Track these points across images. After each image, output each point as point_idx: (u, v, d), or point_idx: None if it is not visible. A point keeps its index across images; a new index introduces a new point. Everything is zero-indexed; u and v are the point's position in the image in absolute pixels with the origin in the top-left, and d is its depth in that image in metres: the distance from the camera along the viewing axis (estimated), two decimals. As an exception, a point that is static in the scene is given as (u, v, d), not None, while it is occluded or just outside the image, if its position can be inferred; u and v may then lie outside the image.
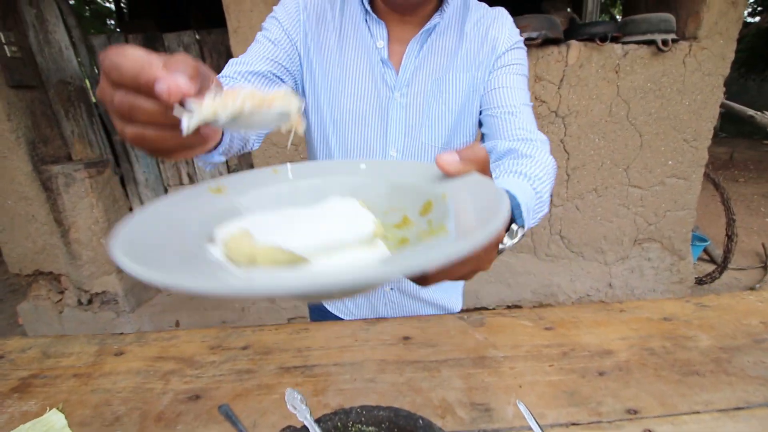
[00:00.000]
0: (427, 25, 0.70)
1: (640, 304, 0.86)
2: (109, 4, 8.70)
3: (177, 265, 0.27)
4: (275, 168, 0.46)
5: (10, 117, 2.13)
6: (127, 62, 0.28)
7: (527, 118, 0.70)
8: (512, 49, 0.73)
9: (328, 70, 0.73)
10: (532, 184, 0.56)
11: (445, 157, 0.35)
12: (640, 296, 2.59)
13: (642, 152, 2.25)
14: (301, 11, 0.72)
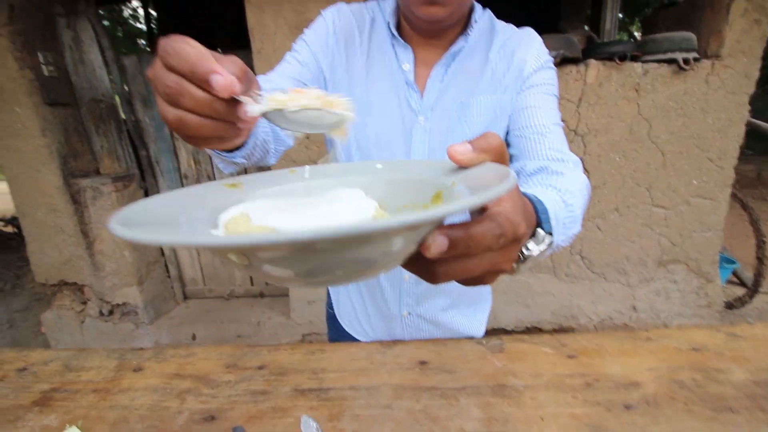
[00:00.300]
0: (452, 49, 0.70)
1: (667, 333, 0.82)
2: (140, 25, 9.12)
3: (168, 231, 0.27)
4: (293, 169, 0.47)
5: (45, 133, 2.23)
6: (188, 50, 0.30)
7: (558, 138, 0.68)
8: (541, 69, 0.72)
9: (354, 92, 0.74)
10: (562, 197, 0.53)
11: (456, 147, 0.33)
12: (666, 320, 2.50)
13: (665, 171, 2.20)
14: (330, 35, 0.74)
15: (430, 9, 0.62)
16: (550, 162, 0.65)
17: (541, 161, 0.66)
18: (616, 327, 2.50)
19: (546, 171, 0.65)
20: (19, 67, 2.10)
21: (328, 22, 0.75)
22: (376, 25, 0.74)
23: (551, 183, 0.59)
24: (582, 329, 2.50)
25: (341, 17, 0.75)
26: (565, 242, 0.51)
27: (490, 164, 0.34)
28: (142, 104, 2.54)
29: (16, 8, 2.08)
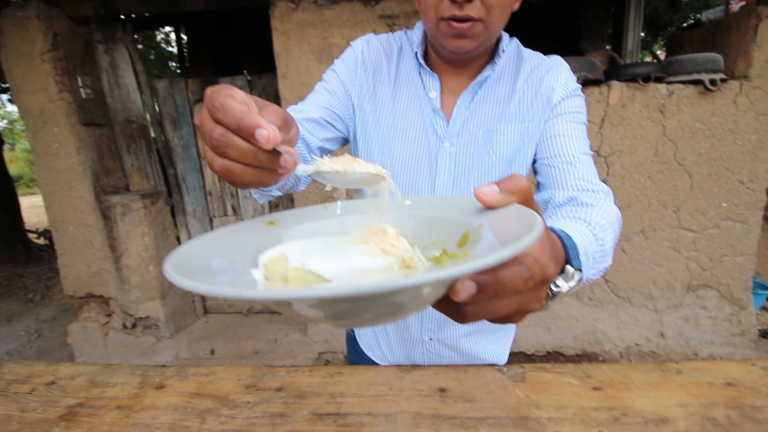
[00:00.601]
0: (479, 77, 0.71)
1: (699, 366, 0.79)
2: (172, 48, 9.57)
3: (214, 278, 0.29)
4: (326, 205, 0.48)
5: (80, 151, 2.34)
6: (233, 105, 0.33)
7: (588, 168, 0.67)
8: (569, 97, 0.72)
9: (381, 118, 0.76)
10: (593, 231, 0.52)
11: (483, 189, 0.34)
12: (695, 348, 2.38)
13: (693, 194, 2.14)
14: (359, 65, 0.77)
15: (458, 42, 0.64)
16: (580, 192, 0.64)
17: (571, 191, 0.65)
18: (643, 354, 2.40)
19: (576, 202, 0.64)
20: (59, 90, 2.23)
21: (357, 52, 0.77)
22: (403, 54, 0.77)
23: (581, 216, 0.57)
24: (606, 355, 2.41)
25: (370, 48, 0.77)
26: (596, 276, 0.50)
27: (516, 206, 0.35)
28: (172, 125, 2.64)
29: (59, 35, 2.22)
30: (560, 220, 0.58)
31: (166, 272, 0.26)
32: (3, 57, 2.20)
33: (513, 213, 0.34)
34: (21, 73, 2.21)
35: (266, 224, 0.44)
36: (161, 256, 2.62)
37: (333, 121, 0.76)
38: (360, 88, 0.76)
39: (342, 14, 2.00)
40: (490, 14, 0.62)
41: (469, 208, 0.40)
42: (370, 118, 0.76)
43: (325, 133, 0.75)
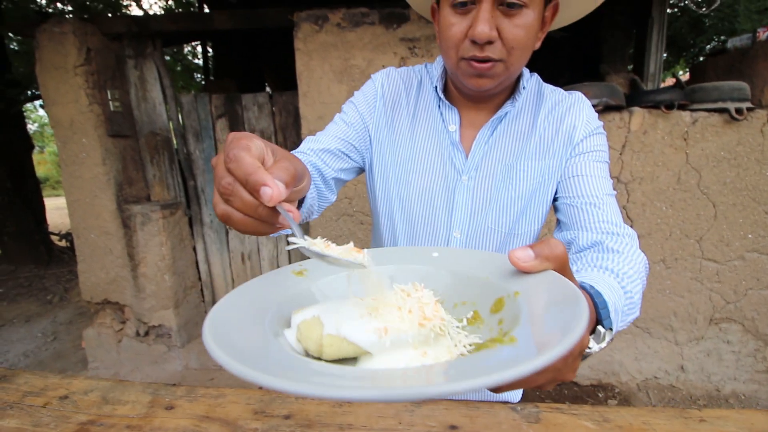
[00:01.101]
0: (499, 113, 0.71)
1: (723, 414, 0.75)
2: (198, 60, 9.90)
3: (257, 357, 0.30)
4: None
5: (105, 161, 2.41)
6: (246, 160, 0.34)
7: (612, 210, 0.66)
8: (591, 136, 0.71)
9: (398, 150, 0.76)
10: (620, 282, 0.51)
11: (518, 254, 0.34)
12: (717, 384, 2.28)
13: (717, 223, 2.08)
14: (378, 98, 0.78)
15: (478, 81, 0.64)
16: (605, 236, 0.63)
17: (595, 234, 0.64)
18: (662, 388, 2.31)
19: (601, 247, 0.62)
20: (89, 103, 2.32)
21: (377, 85, 0.78)
22: (423, 87, 0.77)
23: (608, 264, 0.56)
24: (623, 387, 2.32)
25: (390, 81, 0.78)
26: (623, 328, 0.50)
27: (553, 276, 0.34)
28: (195, 138, 2.71)
29: (92, 50, 2.32)
30: (587, 270, 0.56)
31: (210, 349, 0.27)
32: (38, 69, 2.30)
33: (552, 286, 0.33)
34: (54, 85, 2.31)
35: (294, 274, 0.45)
36: (177, 266, 2.66)
37: (348, 152, 0.77)
38: (378, 120, 0.77)
39: (363, 37, 2.04)
40: (511, 55, 0.62)
41: (502, 269, 0.40)
42: (387, 150, 0.77)
43: (340, 163, 0.76)
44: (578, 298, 0.30)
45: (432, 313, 0.37)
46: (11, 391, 0.86)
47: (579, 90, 1.96)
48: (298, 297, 0.42)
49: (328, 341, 0.35)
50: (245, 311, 0.37)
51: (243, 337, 0.32)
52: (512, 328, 0.32)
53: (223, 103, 2.63)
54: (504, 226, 0.74)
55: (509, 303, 0.36)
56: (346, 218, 2.23)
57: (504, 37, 0.60)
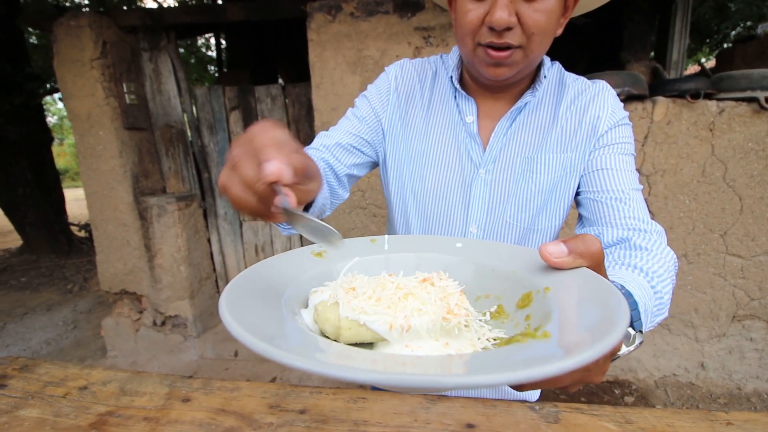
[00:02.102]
0: (518, 103, 0.68)
1: (752, 417, 0.72)
2: (211, 52, 9.96)
3: (272, 333, 0.29)
4: (373, 238, 0.47)
5: (122, 154, 2.44)
6: (264, 137, 0.35)
7: (639, 206, 0.64)
8: (617, 127, 0.68)
9: (413, 144, 0.74)
10: (650, 282, 0.50)
11: (551, 249, 0.33)
12: (739, 382, 2.23)
13: (742, 217, 2.00)
14: (392, 91, 0.76)
15: (496, 70, 0.61)
16: (632, 232, 0.61)
17: (622, 230, 0.62)
18: (681, 385, 2.26)
19: (628, 244, 0.60)
20: (105, 96, 2.34)
21: (390, 77, 0.76)
22: (438, 79, 0.75)
23: (637, 263, 0.54)
24: (641, 384, 2.28)
25: (403, 73, 0.76)
26: (652, 327, 0.48)
27: (587, 273, 0.33)
28: (209, 130, 2.72)
29: (108, 44, 2.33)
30: (615, 267, 0.54)
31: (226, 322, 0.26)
32: (56, 62, 2.33)
33: (587, 283, 0.31)
34: (72, 78, 2.34)
35: (314, 255, 0.43)
36: (193, 257, 2.70)
37: (361, 147, 0.76)
38: (391, 114, 0.75)
39: (377, 26, 2.00)
40: (531, 41, 0.59)
41: (530, 264, 0.38)
42: (400, 143, 0.75)
43: (353, 159, 0.75)
44: (618, 298, 0.28)
45: (456, 304, 0.35)
46: (32, 381, 0.88)
47: (600, 78, 1.90)
48: (318, 277, 0.41)
49: (347, 324, 0.34)
50: (262, 288, 0.36)
51: (259, 313, 0.31)
52: (545, 324, 0.31)
53: (236, 96, 2.63)
54: (523, 221, 0.72)
55: (538, 299, 0.35)
56: (359, 211, 2.22)
57: (524, 22, 0.57)
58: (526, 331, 0.32)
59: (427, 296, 0.35)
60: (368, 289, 0.36)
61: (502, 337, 0.34)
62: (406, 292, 0.36)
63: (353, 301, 0.35)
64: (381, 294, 0.36)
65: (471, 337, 0.34)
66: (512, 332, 0.35)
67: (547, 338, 0.28)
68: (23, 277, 4.62)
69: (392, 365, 0.26)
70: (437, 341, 0.33)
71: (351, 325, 0.34)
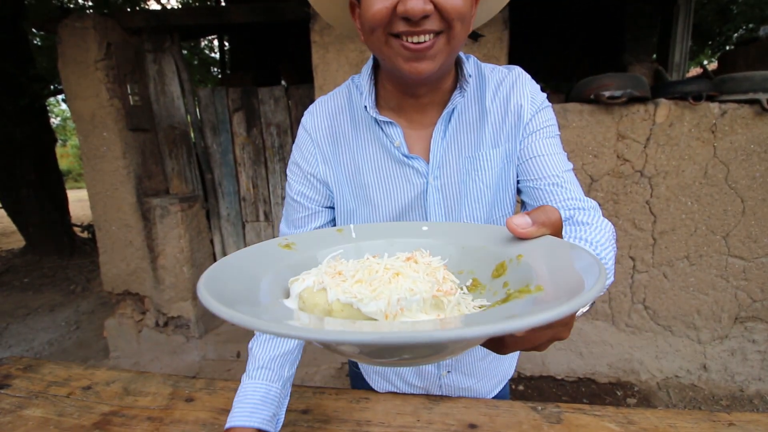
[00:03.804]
0: (448, 107, 0.67)
1: (754, 418, 0.72)
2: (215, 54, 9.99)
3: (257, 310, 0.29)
4: (339, 228, 0.47)
5: (125, 155, 2.45)
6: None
7: (574, 186, 0.67)
8: (538, 112, 0.69)
9: (355, 179, 0.72)
10: (596, 251, 0.54)
11: (516, 221, 0.35)
12: (741, 384, 2.22)
13: (745, 219, 2.00)
14: (314, 145, 0.73)
15: (418, 66, 0.57)
16: (573, 212, 0.63)
17: (564, 211, 0.64)
18: (683, 387, 2.25)
19: (571, 221, 0.63)
20: (109, 97, 2.35)
21: (308, 131, 0.73)
22: (354, 106, 0.71)
23: (582, 235, 0.58)
24: (642, 386, 2.28)
25: (316, 119, 0.73)
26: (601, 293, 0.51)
27: (553, 239, 0.35)
28: (212, 132, 2.73)
29: (112, 45, 2.35)
30: None
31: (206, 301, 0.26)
32: (60, 64, 2.35)
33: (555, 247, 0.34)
34: (76, 79, 2.35)
35: (282, 248, 0.42)
36: (195, 258, 2.70)
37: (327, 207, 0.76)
38: (324, 166, 0.73)
39: (380, 27, 2.01)
40: (452, 27, 0.55)
41: (498, 237, 0.40)
42: (342, 186, 0.73)
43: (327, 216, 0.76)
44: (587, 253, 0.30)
45: (443, 278, 0.36)
46: (36, 381, 0.88)
47: (602, 81, 1.88)
48: (294, 267, 0.40)
49: (339, 307, 0.33)
50: (238, 277, 0.35)
51: (241, 294, 0.31)
52: (527, 283, 0.32)
53: (239, 97, 2.64)
54: (479, 219, 0.72)
55: (512, 266, 0.36)
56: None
57: (442, 8, 0.53)
58: (519, 289, 0.33)
59: (416, 274, 0.35)
60: (356, 272, 0.35)
61: (486, 305, 0.35)
62: (394, 272, 0.35)
63: (342, 285, 0.34)
64: (369, 277, 0.35)
65: (460, 308, 0.35)
66: (493, 300, 0.35)
67: (541, 291, 0.29)
68: (26, 277, 4.64)
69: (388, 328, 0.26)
70: (428, 315, 0.33)
71: (343, 308, 0.33)
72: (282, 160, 2.75)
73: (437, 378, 0.81)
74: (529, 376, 2.41)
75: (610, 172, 2.03)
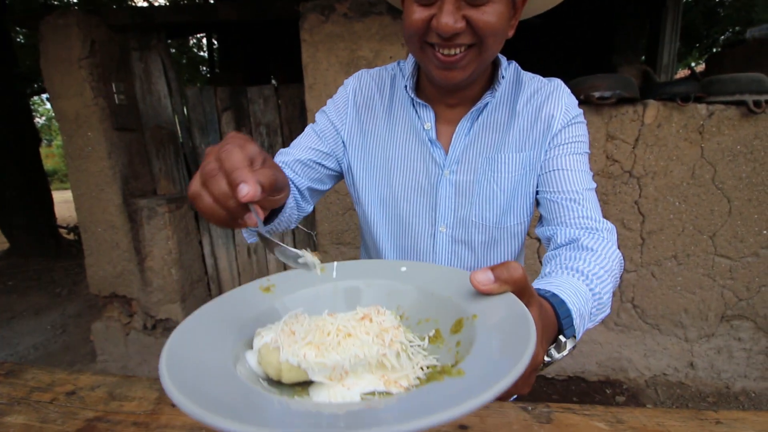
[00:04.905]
0: (478, 104, 0.69)
1: (740, 416, 0.73)
2: (203, 53, 9.89)
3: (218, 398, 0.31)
4: (323, 266, 0.49)
5: (111, 155, 2.41)
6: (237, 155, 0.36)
7: (591, 205, 0.66)
8: (570, 125, 0.69)
9: (376, 151, 0.75)
10: (589, 285, 0.52)
11: (479, 277, 0.36)
12: (727, 381, 2.26)
13: (731, 219, 2.03)
14: (350, 104, 0.76)
15: (448, 74, 0.61)
16: (583, 232, 0.63)
17: (574, 230, 0.64)
18: (671, 384, 2.29)
19: (576, 245, 0.62)
20: (94, 96, 2.31)
21: (348, 91, 0.77)
22: (396, 86, 0.75)
23: (579, 266, 0.56)
24: (631, 384, 2.30)
25: (361, 85, 0.77)
26: (592, 326, 0.52)
27: (510, 298, 0.36)
28: (200, 131, 2.70)
29: (96, 43, 2.30)
30: (558, 272, 0.57)
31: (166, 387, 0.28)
32: (43, 62, 2.29)
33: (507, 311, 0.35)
34: (59, 78, 2.30)
35: (262, 291, 0.47)
36: (184, 260, 2.67)
37: (321, 160, 0.77)
38: (351, 126, 0.76)
39: (371, 27, 2.00)
40: (484, 42, 0.58)
41: (465, 289, 0.41)
42: (363, 152, 0.76)
43: (313, 173, 0.77)
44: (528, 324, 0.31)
45: (391, 340, 0.38)
46: (18, 387, 0.86)
47: (592, 81, 1.90)
48: (265, 315, 0.44)
49: (287, 367, 0.37)
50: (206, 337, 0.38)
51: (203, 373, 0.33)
52: (463, 358, 0.34)
53: (228, 96, 2.61)
54: (489, 221, 0.72)
55: (467, 325, 0.38)
56: (352, 212, 2.21)
57: (474, 25, 0.57)
58: (445, 366, 0.35)
59: (366, 337, 0.38)
60: (308, 334, 0.39)
61: (435, 365, 0.37)
62: (346, 333, 0.38)
63: (293, 346, 0.38)
64: (320, 340, 0.38)
65: (406, 368, 0.37)
66: (445, 358, 0.38)
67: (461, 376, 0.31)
68: (10, 280, 4.54)
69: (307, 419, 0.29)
70: (374, 374, 0.36)
71: (290, 368, 0.37)
72: (272, 160, 2.73)
73: None
74: (520, 375, 2.42)
75: (600, 173, 2.05)
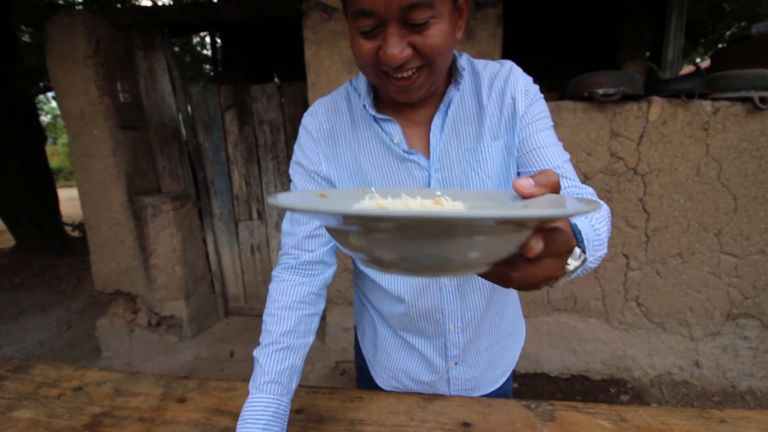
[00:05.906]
0: (444, 100, 0.69)
1: (745, 415, 0.73)
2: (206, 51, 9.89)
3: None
4: (364, 189, 0.50)
5: (115, 153, 2.42)
6: None
7: (572, 175, 0.69)
8: (532, 104, 0.71)
9: (356, 176, 0.74)
10: (589, 221, 0.55)
11: (521, 182, 0.39)
12: (733, 380, 2.24)
13: (737, 217, 2.02)
14: (316, 143, 0.74)
15: (406, 95, 0.63)
16: (571, 192, 0.67)
17: None
18: (676, 383, 2.28)
19: None
20: (99, 94, 2.32)
21: (309, 130, 0.75)
22: (354, 107, 0.74)
23: None
24: (636, 383, 2.30)
25: (317, 120, 0.75)
26: (594, 264, 0.54)
27: (551, 195, 0.39)
28: (204, 129, 2.71)
29: (101, 41, 2.31)
30: None
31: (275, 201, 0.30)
32: (49, 61, 2.31)
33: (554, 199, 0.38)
34: (64, 76, 2.31)
35: (317, 196, 0.45)
36: (188, 258, 2.68)
37: None
38: (327, 162, 0.74)
39: (374, 24, 2.00)
40: (433, 61, 0.60)
41: (505, 197, 0.44)
42: (348, 183, 0.75)
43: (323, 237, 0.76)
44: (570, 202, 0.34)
45: None
46: (26, 382, 0.87)
47: (595, 78, 1.89)
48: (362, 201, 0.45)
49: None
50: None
51: None
52: None
53: (231, 94, 2.62)
54: None
55: None
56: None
57: (420, 50, 0.58)
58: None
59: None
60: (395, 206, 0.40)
61: None
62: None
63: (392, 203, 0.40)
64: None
65: None
66: None
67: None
68: (16, 277, 4.58)
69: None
70: None
71: None
72: (275, 158, 2.73)
73: (446, 371, 0.81)
74: (523, 374, 2.42)
75: (604, 170, 2.04)
